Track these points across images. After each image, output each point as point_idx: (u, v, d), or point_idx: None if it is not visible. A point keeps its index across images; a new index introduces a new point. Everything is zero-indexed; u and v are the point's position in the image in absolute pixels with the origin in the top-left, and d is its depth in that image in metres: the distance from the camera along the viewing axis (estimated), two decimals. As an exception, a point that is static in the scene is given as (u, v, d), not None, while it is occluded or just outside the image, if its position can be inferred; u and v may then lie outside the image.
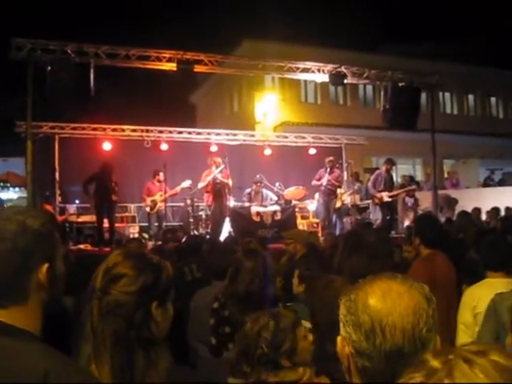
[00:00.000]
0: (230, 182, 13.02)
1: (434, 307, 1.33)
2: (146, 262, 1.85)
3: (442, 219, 12.19)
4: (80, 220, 13.36)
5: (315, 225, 14.39)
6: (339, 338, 1.41)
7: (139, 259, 1.86)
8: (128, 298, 1.75)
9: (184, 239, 11.77)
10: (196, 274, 6.02)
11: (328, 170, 13.65)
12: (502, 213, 13.35)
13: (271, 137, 18.04)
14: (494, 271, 3.95)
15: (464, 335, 3.88)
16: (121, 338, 1.71)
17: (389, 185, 13.51)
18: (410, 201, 15.36)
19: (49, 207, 13.00)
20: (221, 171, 12.85)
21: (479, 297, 3.83)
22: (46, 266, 1.58)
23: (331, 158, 14.03)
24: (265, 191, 14.10)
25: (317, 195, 14.38)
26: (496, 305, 3.38)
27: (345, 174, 16.30)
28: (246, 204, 13.71)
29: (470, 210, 12.92)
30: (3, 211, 1.68)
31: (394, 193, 13.70)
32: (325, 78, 13.32)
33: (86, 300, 1.81)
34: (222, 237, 11.47)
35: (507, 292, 3.38)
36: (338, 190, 13.88)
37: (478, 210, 13.15)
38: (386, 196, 13.29)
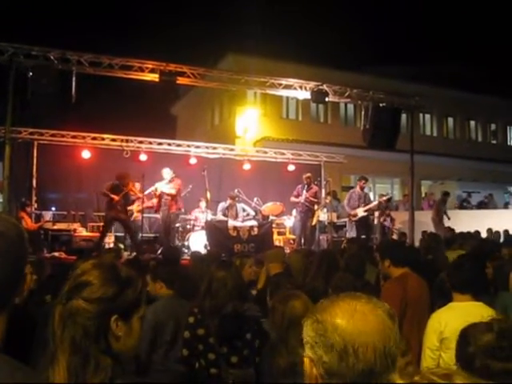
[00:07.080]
0: (209, 195, 13.03)
1: (396, 325, 1.36)
2: (113, 274, 1.82)
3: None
4: (55, 227, 13.22)
5: (291, 241, 14.36)
6: (306, 360, 1.40)
7: (107, 270, 1.83)
8: (88, 306, 1.72)
9: (160, 251, 11.75)
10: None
11: (306, 186, 13.72)
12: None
13: (251, 152, 18.04)
14: (461, 293, 3.89)
15: (429, 359, 3.78)
16: (77, 345, 1.67)
17: (363, 201, 13.59)
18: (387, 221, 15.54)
19: (24, 213, 12.86)
20: (170, 181, 13.05)
21: (446, 321, 3.73)
22: (33, 275, 1.52)
23: (309, 174, 14.13)
24: (240, 206, 14.10)
25: (294, 211, 14.42)
26: None
27: (323, 191, 16.36)
28: (221, 218, 13.69)
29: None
30: None
31: (369, 206, 13.73)
32: (306, 95, 13.42)
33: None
34: (196, 249, 11.44)
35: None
36: (315, 207, 13.94)
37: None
38: (360, 211, 13.37)
